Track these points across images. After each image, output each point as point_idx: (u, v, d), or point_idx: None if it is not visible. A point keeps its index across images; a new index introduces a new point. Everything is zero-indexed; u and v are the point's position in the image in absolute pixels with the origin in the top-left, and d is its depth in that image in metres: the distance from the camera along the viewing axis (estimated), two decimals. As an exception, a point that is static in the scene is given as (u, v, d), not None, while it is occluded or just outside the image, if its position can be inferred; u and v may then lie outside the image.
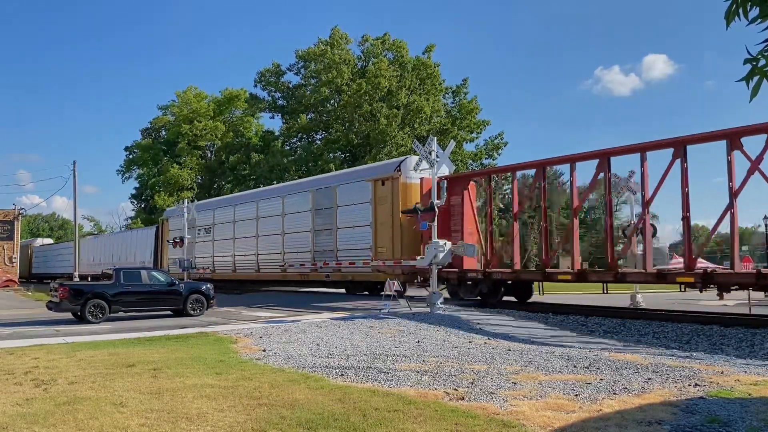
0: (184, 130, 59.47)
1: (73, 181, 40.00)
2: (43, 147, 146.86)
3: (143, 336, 12.79)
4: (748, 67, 3.76)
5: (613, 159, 16.47)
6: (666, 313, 15.88)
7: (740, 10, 3.74)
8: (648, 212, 16.30)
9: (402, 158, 24.23)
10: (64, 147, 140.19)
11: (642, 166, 15.63)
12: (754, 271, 14.43)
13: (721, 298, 22.94)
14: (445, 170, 20.13)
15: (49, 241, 74.25)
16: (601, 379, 7.72)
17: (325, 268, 25.34)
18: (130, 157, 67.77)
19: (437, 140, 18.58)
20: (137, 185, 68.00)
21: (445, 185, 19.17)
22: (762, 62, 3.71)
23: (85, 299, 16.63)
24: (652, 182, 15.68)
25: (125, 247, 46.72)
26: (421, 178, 21.18)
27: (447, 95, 52.58)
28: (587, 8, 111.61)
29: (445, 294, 19.92)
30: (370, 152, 47.97)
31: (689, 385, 7.35)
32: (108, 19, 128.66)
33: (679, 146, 14.82)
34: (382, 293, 18.66)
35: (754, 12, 3.71)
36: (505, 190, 45.28)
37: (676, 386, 7.32)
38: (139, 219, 63.59)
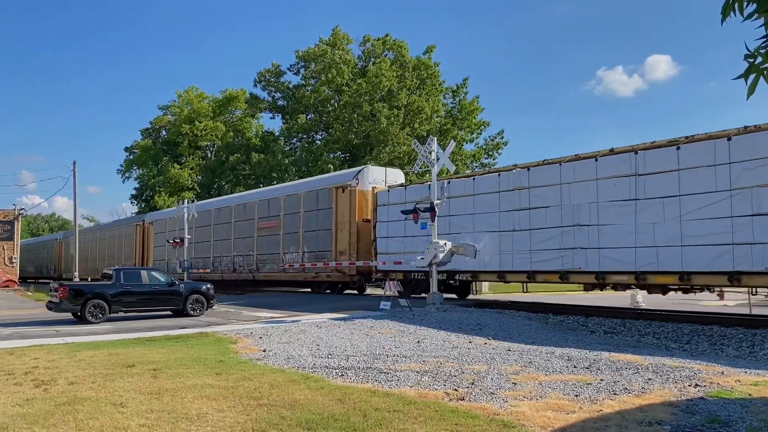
0: (184, 130, 59.49)
1: (73, 181, 40.02)
2: (44, 147, 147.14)
3: (143, 336, 12.78)
4: (748, 64, 3.75)
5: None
6: (666, 314, 15.88)
7: (736, 5, 3.72)
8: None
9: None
10: (65, 147, 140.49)
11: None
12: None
13: (722, 298, 22.97)
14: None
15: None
16: (602, 380, 7.72)
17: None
18: (131, 157, 67.79)
19: (437, 140, 18.63)
20: (137, 185, 68.03)
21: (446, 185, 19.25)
22: (759, 59, 3.70)
23: (85, 299, 16.62)
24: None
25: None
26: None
27: (447, 95, 52.63)
28: (590, 8, 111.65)
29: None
30: (370, 152, 48.00)
31: (689, 386, 7.34)
32: (108, 20, 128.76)
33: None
34: (383, 293, 18.66)
35: (751, 8, 3.69)
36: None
37: (676, 387, 7.32)
38: None
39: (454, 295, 22.22)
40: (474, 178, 20.13)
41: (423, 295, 21.28)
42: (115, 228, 49.47)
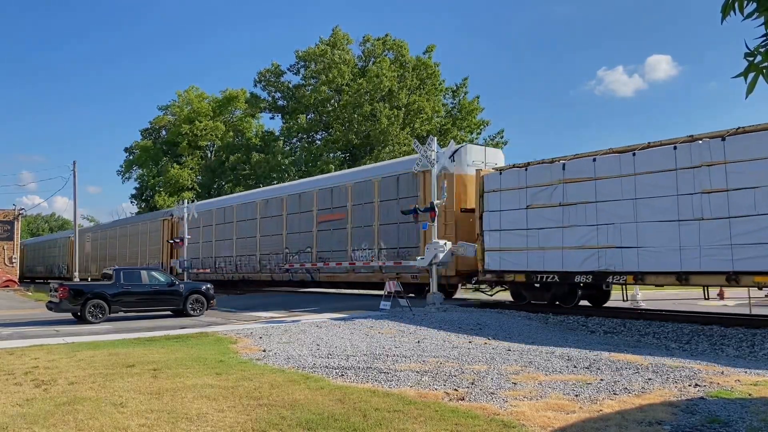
0: (184, 130, 59.55)
1: (73, 181, 40.04)
2: (44, 147, 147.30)
3: (143, 336, 12.79)
4: (747, 63, 3.76)
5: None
6: (666, 313, 15.86)
7: (736, 5, 3.73)
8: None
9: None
10: (65, 147, 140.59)
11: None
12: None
13: (722, 298, 22.97)
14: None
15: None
16: (602, 380, 7.72)
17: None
18: (130, 158, 67.86)
19: (437, 140, 18.60)
20: (137, 185, 68.09)
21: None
22: (758, 58, 3.71)
23: (85, 299, 16.64)
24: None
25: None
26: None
27: (447, 95, 52.72)
28: (590, 8, 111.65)
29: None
30: (370, 152, 48.05)
31: (689, 386, 7.35)
32: (108, 20, 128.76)
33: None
34: (383, 293, 18.65)
35: (751, 7, 3.70)
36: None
37: (676, 386, 7.32)
38: None
39: (587, 303, 17.85)
40: (634, 153, 15.36)
41: (544, 302, 17.66)
42: (138, 223, 45.38)
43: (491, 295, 20.46)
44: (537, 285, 17.58)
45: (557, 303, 17.33)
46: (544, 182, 16.98)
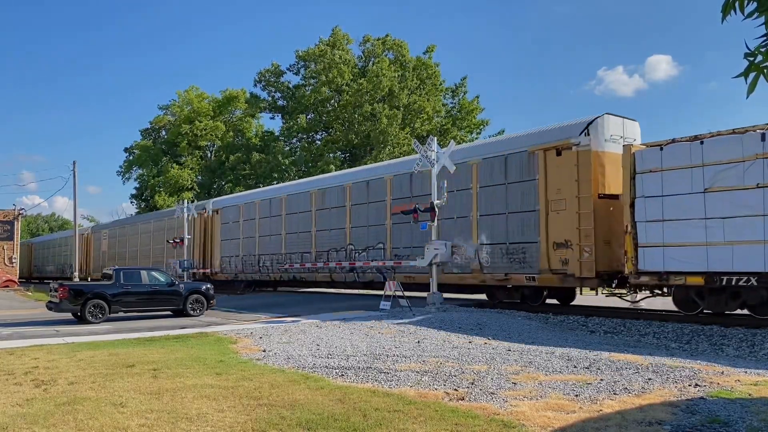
0: (184, 130, 59.54)
1: (73, 181, 40.07)
2: (44, 147, 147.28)
3: (143, 336, 12.80)
4: (748, 63, 3.77)
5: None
6: (666, 313, 15.85)
7: (736, 4, 3.74)
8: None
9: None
10: (65, 147, 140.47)
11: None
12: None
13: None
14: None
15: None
16: (602, 380, 7.72)
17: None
18: (130, 158, 67.84)
19: (437, 141, 18.58)
20: (137, 185, 68.07)
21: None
22: (759, 58, 3.71)
23: (85, 299, 16.64)
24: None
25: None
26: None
27: (447, 95, 52.77)
28: (590, 8, 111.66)
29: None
30: (370, 152, 48.06)
31: (689, 386, 7.35)
32: (108, 19, 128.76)
33: None
34: (383, 293, 18.64)
35: (752, 6, 3.70)
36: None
37: (676, 386, 7.32)
38: None
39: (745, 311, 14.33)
40: None
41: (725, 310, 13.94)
42: (164, 219, 39.76)
43: (634, 302, 17.27)
44: (720, 289, 13.85)
45: (750, 313, 13.91)
46: (731, 158, 13.26)
